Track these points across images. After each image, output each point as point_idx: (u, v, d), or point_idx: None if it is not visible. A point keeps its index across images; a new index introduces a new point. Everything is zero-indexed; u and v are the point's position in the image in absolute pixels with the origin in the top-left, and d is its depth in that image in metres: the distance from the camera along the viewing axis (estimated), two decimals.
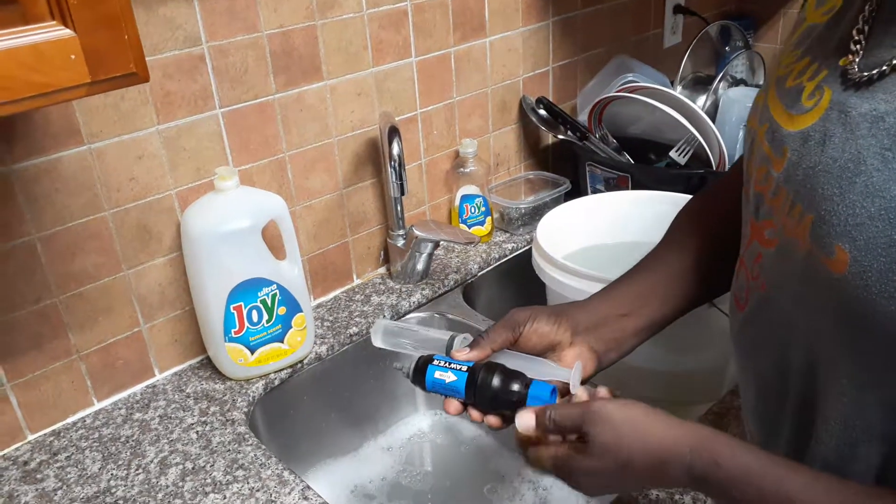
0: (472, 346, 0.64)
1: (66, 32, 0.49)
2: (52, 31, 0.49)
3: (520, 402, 0.60)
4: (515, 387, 0.60)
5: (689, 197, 1.10)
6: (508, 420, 0.62)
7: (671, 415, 0.53)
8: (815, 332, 0.47)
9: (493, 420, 0.62)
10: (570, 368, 0.61)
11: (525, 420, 0.57)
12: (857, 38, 0.45)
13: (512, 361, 0.63)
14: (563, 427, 0.55)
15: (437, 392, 0.63)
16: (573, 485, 0.55)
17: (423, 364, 0.63)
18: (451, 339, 0.66)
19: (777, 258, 0.49)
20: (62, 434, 0.89)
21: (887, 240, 0.40)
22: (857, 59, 0.45)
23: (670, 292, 0.69)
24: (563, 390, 0.62)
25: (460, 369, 0.62)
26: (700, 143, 1.19)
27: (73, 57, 0.49)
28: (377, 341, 0.69)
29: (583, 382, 0.63)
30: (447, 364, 0.63)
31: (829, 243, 0.43)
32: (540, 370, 0.62)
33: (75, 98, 0.51)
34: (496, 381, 0.60)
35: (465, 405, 0.63)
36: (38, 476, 0.83)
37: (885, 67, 0.43)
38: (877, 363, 0.44)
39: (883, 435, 0.45)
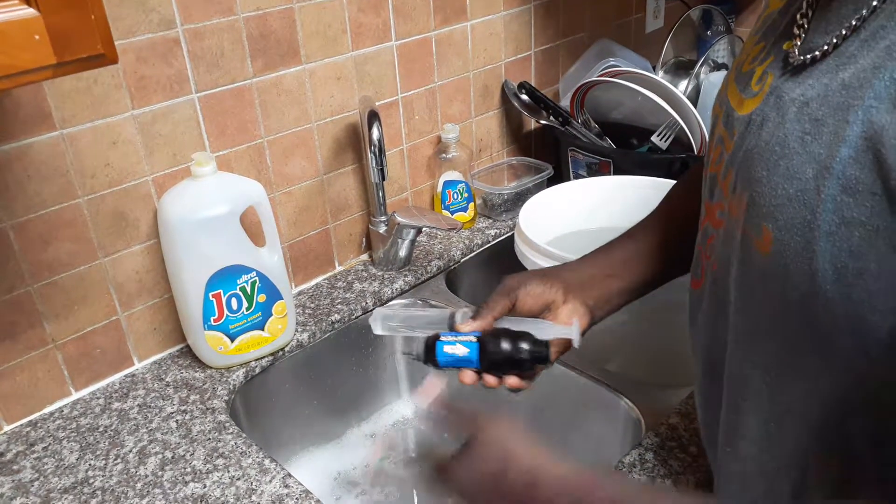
0: (474, 317, 0.66)
1: (30, 12, 0.48)
2: (14, 11, 0.47)
3: (534, 359, 0.63)
4: (525, 346, 0.63)
5: (671, 182, 1.10)
6: (526, 378, 0.66)
7: (545, 457, 0.55)
8: (746, 310, 0.50)
9: (512, 381, 0.65)
10: (569, 325, 0.66)
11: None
12: (800, 22, 0.47)
13: (514, 326, 0.66)
14: (459, 417, 0.61)
15: (451, 366, 0.64)
16: (448, 487, 0.59)
17: (432, 343, 0.64)
18: (452, 315, 0.68)
19: (724, 238, 0.51)
20: (39, 424, 0.88)
21: (801, 220, 0.41)
22: (797, 44, 0.46)
23: (654, 259, 0.72)
24: (566, 345, 0.67)
25: (469, 340, 0.64)
26: (682, 127, 1.19)
27: (36, 37, 0.48)
28: (377, 329, 0.70)
29: (581, 335, 0.67)
30: (455, 338, 0.64)
31: (757, 223, 0.45)
32: (542, 330, 0.65)
33: (40, 80, 0.50)
34: (506, 345, 0.63)
35: (479, 374, 0.65)
36: (15, 467, 0.82)
37: (817, 53, 0.44)
38: (796, 343, 0.45)
39: (803, 414, 0.47)
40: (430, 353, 0.64)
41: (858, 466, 0.44)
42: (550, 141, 1.37)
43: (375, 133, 0.98)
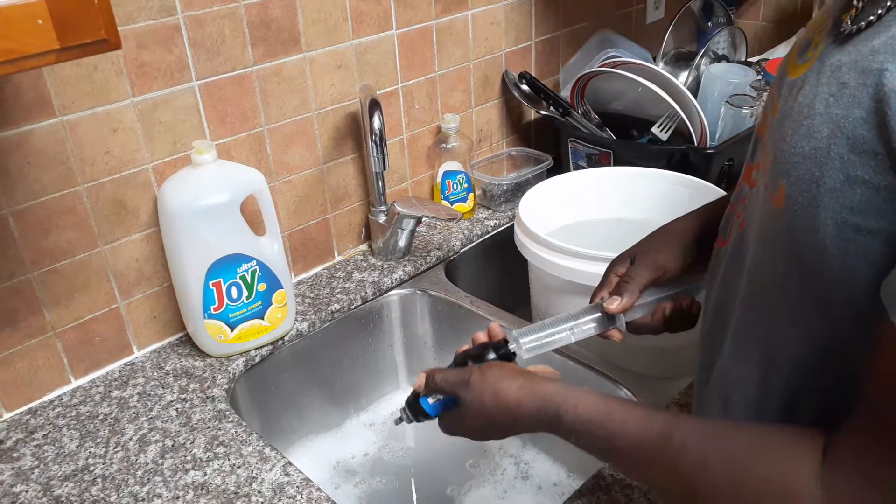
0: (618, 293, 0.68)
1: None
2: None
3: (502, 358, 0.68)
4: (492, 355, 0.68)
5: (671, 173, 1.10)
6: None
7: (527, 375, 0.62)
8: (760, 265, 0.52)
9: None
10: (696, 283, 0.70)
11: (418, 380, 0.68)
12: None
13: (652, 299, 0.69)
14: (440, 388, 0.66)
15: (441, 409, 0.68)
16: (460, 435, 0.66)
17: (414, 400, 0.69)
18: (596, 306, 0.70)
19: (754, 196, 0.54)
20: (39, 412, 0.88)
21: (810, 177, 0.44)
22: (852, 15, 0.47)
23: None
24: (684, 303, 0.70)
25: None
26: (682, 118, 1.19)
27: (40, 22, 0.47)
28: (525, 356, 0.69)
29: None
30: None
31: (776, 180, 0.47)
32: (694, 291, 0.70)
33: (43, 65, 0.49)
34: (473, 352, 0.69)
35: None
36: (15, 455, 0.82)
37: (862, 23, 0.45)
38: (799, 296, 0.48)
39: (798, 361, 0.50)
40: (417, 411, 0.68)
41: (837, 407, 0.46)
42: (550, 131, 1.37)
43: (377, 122, 0.98)
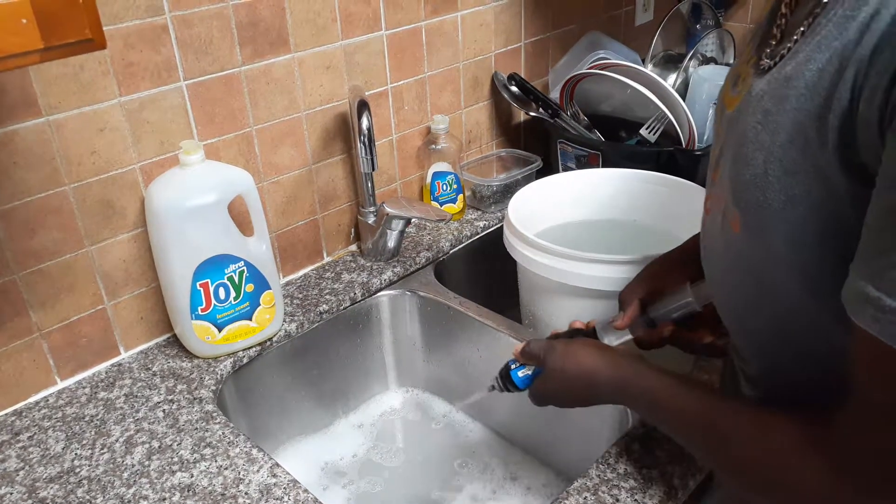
0: (622, 308, 0.77)
1: None
2: None
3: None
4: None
5: (659, 175, 1.11)
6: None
7: (606, 349, 0.69)
8: (725, 285, 0.56)
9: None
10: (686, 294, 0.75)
11: (515, 348, 0.77)
12: (774, 32, 0.52)
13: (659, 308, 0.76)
14: (532, 354, 0.73)
15: (528, 384, 0.76)
16: (546, 402, 0.73)
17: (506, 372, 0.77)
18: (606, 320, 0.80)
19: (710, 223, 0.58)
20: (24, 414, 0.87)
21: (756, 201, 0.47)
22: (769, 49, 0.51)
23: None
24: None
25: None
26: (670, 120, 1.20)
27: (24, 21, 0.47)
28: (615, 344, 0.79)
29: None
30: (518, 364, 0.78)
31: (731, 207, 0.51)
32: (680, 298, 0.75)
33: (28, 65, 0.49)
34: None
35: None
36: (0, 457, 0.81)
37: (777, 58, 0.49)
38: (755, 304, 0.52)
39: (790, 375, 0.55)
40: (508, 382, 0.77)
41: (825, 401, 0.50)
42: (540, 133, 1.37)
43: (365, 122, 0.98)
